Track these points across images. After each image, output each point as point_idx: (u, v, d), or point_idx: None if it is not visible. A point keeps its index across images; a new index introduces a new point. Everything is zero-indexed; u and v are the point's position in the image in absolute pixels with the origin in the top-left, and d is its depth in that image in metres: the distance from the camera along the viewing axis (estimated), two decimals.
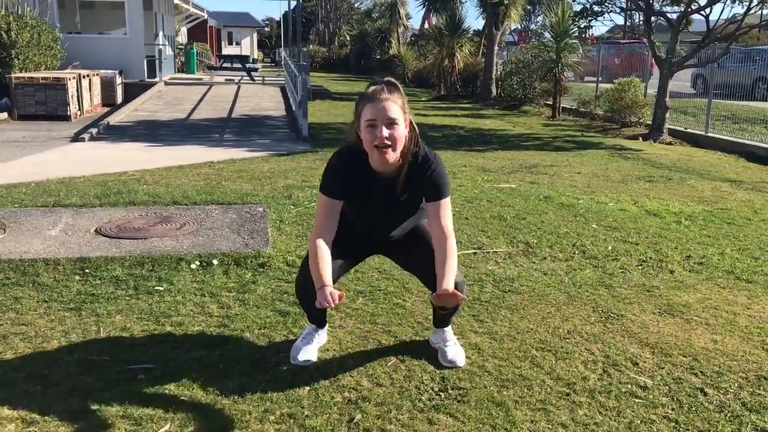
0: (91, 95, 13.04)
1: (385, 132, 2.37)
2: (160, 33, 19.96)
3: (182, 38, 29.71)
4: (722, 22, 11.16)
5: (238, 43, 47.23)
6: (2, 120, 11.24)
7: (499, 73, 18.51)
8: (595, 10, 12.29)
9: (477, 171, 7.30)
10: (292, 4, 23.63)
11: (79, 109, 12.18)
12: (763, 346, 3.02)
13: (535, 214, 5.33)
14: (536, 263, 4.14)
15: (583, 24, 12.88)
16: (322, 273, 2.38)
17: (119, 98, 14.70)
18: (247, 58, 26.80)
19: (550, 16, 15.33)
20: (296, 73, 12.40)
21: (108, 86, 14.25)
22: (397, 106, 2.40)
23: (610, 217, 5.29)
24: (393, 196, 2.56)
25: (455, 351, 2.76)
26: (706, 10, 11.06)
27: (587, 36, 14.60)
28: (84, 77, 12.55)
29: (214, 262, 3.89)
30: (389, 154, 2.40)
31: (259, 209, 5.12)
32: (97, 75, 13.76)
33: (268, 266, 3.88)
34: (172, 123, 11.55)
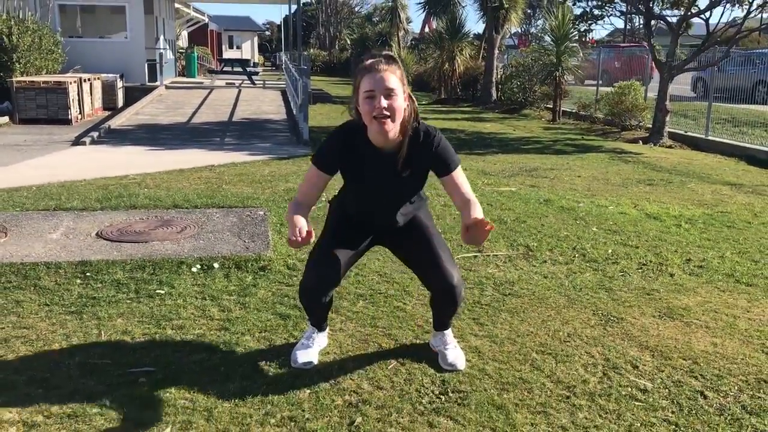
0: (92, 99, 13.07)
1: (384, 102, 2.34)
2: (161, 37, 19.99)
3: (183, 42, 29.76)
4: (722, 26, 11.18)
5: (238, 47, 47.30)
6: (3, 124, 11.26)
7: (499, 76, 18.54)
8: (595, 13, 12.31)
9: (477, 174, 7.31)
10: (293, 8, 23.66)
11: (80, 113, 12.21)
12: (763, 349, 3.03)
13: (536, 217, 5.33)
14: (536, 266, 4.14)
15: (583, 28, 12.90)
16: (299, 220, 2.39)
17: (120, 102, 14.73)
18: (247, 62, 26.86)
19: (551, 20, 15.34)
20: (297, 76, 12.41)
21: (109, 90, 14.29)
22: (395, 77, 2.37)
23: (611, 221, 5.30)
24: (393, 173, 2.52)
25: (455, 354, 2.77)
26: (706, 14, 11.08)
27: (587, 39, 14.60)
28: (85, 81, 12.59)
29: (215, 265, 3.90)
30: (388, 124, 2.37)
31: (260, 213, 5.13)
32: (98, 79, 13.79)
33: (269, 269, 3.89)
34: (173, 127, 11.57)
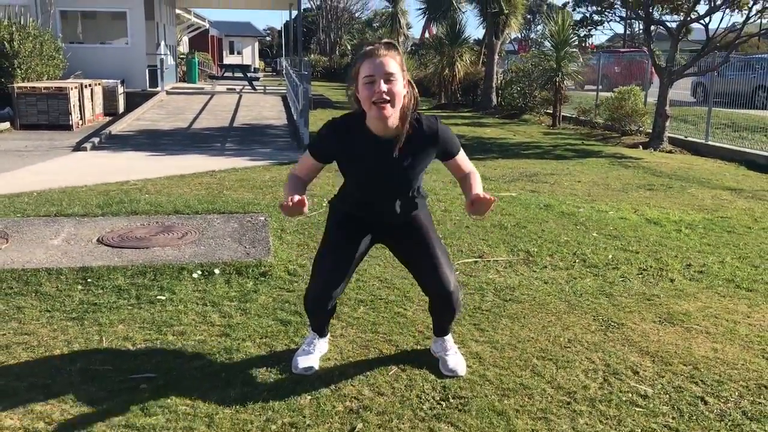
0: (93, 105, 13.10)
1: (383, 86, 2.33)
2: (162, 43, 20.04)
3: (184, 48, 29.84)
4: (722, 31, 11.20)
5: (239, 53, 47.36)
6: (5, 129, 11.28)
7: (499, 82, 18.57)
8: (595, 19, 12.35)
9: None
10: (293, 14, 23.73)
11: (81, 119, 12.24)
12: (764, 355, 3.03)
13: (536, 222, 5.34)
14: (537, 272, 4.15)
15: (583, 33, 12.93)
16: (293, 190, 2.52)
17: (121, 107, 14.76)
18: (248, 68, 26.88)
19: (550, 25, 15.39)
20: (297, 82, 12.44)
21: (110, 96, 14.32)
22: (395, 62, 2.37)
23: (611, 226, 5.31)
24: (393, 162, 2.49)
25: (456, 360, 2.78)
26: (706, 19, 11.11)
27: (587, 45, 14.64)
28: (86, 87, 12.62)
29: (216, 271, 3.91)
30: (387, 109, 2.35)
31: (261, 218, 5.14)
32: (99, 84, 13.83)
33: (270, 275, 3.90)
34: (174, 132, 11.59)
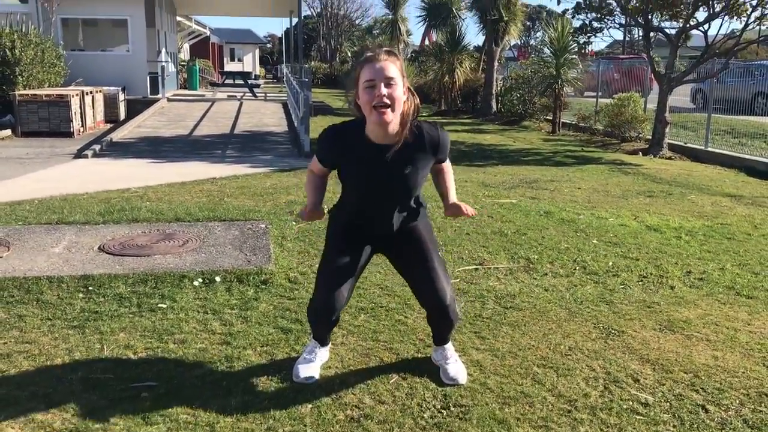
0: (94, 112, 13.13)
1: (384, 90, 2.34)
2: (163, 50, 20.09)
3: (185, 55, 29.91)
4: (721, 38, 11.23)
5: (240, 60, 47.48)
6: (6, 137, 11.31)
7: (499, 88, 18.61)
8: (595, 26, 12.37)
9: (478, 186, 7.33)
10: (294, 21, 23.81)
11: (82, 126, 12.26)
12: (764, 363, 3.03)
13: (536, 229, 5.35)
14: (537, 279, 4.15)
15: (582, 40, 12.95)
16: (314, 196, 2.75)
17: (122, 115, 14.80)
18: (249, 75, 26.99)
19: (550, 32, 15.44)
20: (298, 89, 12.47)
21: (111, 103, 14.35)
22: (395, 67, 2.39)
23: (611, 233, 5.31)
24: (393, 169, 2.50)
25: (457, 368, 2.78)
26: (705, 26, 11.14)
27: (587, 51, 14.67)
28: (87, 94, 12.65)
29: (217, 279, 3.92)
30: (388, 114, 2.36)
31: (262, 225, 5.15)
32: (100, 92, 13.86)
33: (270, 283, 3.90)
34: (175, 139, 11.62)
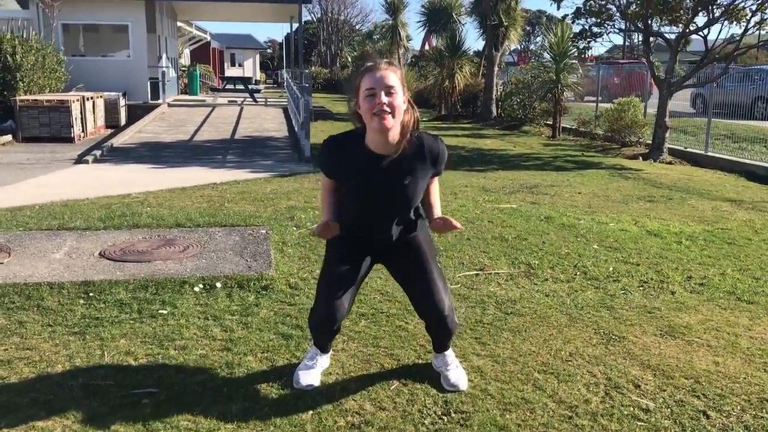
0: (94, 117, 13.15)
1: (384, 98, 2.37)
2: (164, 55, 20.12)
3: (185, 60, 29.95)
4: (720, 43, 11.25)
5: (240, 65, 47.56)
6: (7, 142, 11.33)
7: (499, 93, 18.64)
8: (594, 31, 12.39)
9: (478, 191, 7.34)
10: (294, 27, 23.86)
11: (83, 131, 12.28)
12: (766, 368, 3.03)
13: (537, 234, 5.35)
14: (538, 284, 4.15)
15: (582, 45, 12.97)
16: (327, 212, 2.69)
17: (123, 120, 14.82)
18: (249, 80, 27.03)
19: (550, 37, 15.47)
20: (298, 94, 12.48)
21: (111, 108, 14.38)
22: (395, 76, 2.42)
23: (611, 238, 5.31)
24: (393, 179, 2.52)
25: (457, 375, 2.78)
26: (705, 31, 11.15)
27: (586, 56, 14.69)
28: (88, 99, 12.67)
29: (218, 285, 3.92)
30: (388, 120, 2.39)
31: (262, 231, 5.15)
32: (101, 97, 13.89)
33: (271, 289, 3.90)
34: (176, 144, 11.63)
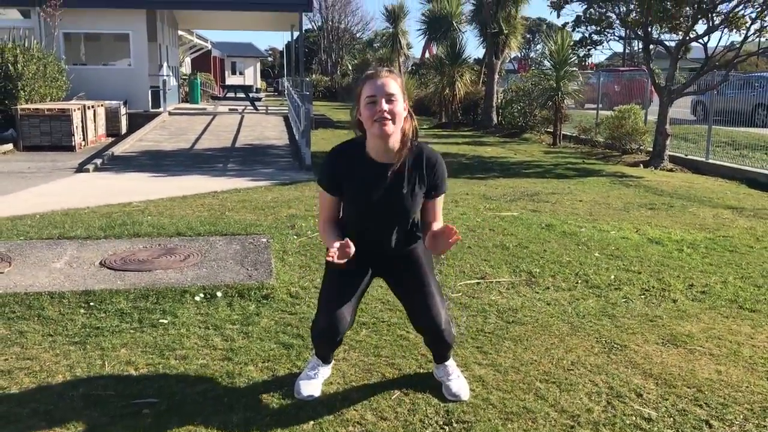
0: (95, 126, 13.17)
1: (385, 106, 2.40)
2: (165, 64, 20.17)
3: (186, 68, 30.04)
4: (720, 50, 11.27)
5: (241, 73, 47.68)
6: (8, 151, 11.35)
7: (499, 101, 18.68)
8: (595, 39, 12.42)
9: (479, 199, 7.34)
10: (295, 35, 23.94)
11: (84, 140, 12.30)
12: None
13: (538, 242, 5.34)
14: (539, 293, 4.14)
15: (582, 53, 13.00)
16: (331, 236, 2.57)
17: (124, 128, 14.85)
18: (250, 88, 27.09)
19: (550, 45, 15.51)
20: (299, 102, 12.51)
21: (112, 117, 14.41)
22: (396, 84, 2.45)
23: (612, 246, 5.31)
24: (392, 187, 2.53)
25: (459, 384, 2.77)
26: (705, 38, 11.18)
27: (587, 64, 14.72)
28: (89, 108, 12.70)
29: (218, 294, 3.91)
30: (389, 126, 2.41)
31: (263, 240, 5.15)
32: (102, 106, 13.92)
33: (272, 298, 3.89)
34: (176, 153, 11.64)
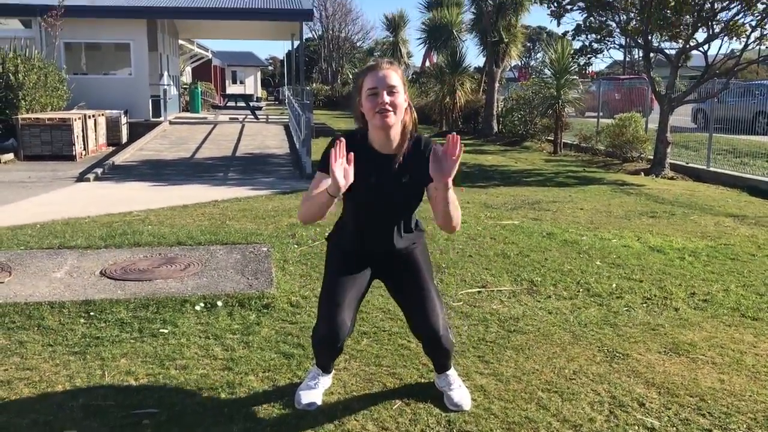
0: (96, 135, 13.19)
1: (387, 98, 2.42)
2: (165, 73, 20.22)
3: (187, 78, 30.12)
4: (721, 58, 11.28)
5: (242, 82, 47.81)
6: (9, 160, 11.36)
7: (500, 109, 18.70)
8: (595, 47, 12.45)
9: (480, 207, 7.33)
10: (296, 44, 24.01)
11: (84, 149, 12.32)
12: None
13: (539, 251, 5.33)
14: (541, 302, 4.13)
15: (582, 61, 13.03)
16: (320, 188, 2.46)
17: (124, 138, 14.87)
18: (251, 97, 27.14)
19: (550, 53, 15.54)
20: (299, 111, 12.53)
21: (113, 126, 14.43)
22: (397, 75, 2.47)
23: (614, 254, 5.29)
24: (392, 178, 2.53)
25: (461, 394, 2.75)
26: (705, 46, 11.20)
27: (587, 72, 14.76)
28: (89, 117, 12.72)
29: (219, 303, 3.90)
30: (390, 117, 2.43)
31: (263, 249, 5.14)
32: (103, 115, 13.94)
33: (272, 307, 3.88)
34: (177, 162, 11.65)
